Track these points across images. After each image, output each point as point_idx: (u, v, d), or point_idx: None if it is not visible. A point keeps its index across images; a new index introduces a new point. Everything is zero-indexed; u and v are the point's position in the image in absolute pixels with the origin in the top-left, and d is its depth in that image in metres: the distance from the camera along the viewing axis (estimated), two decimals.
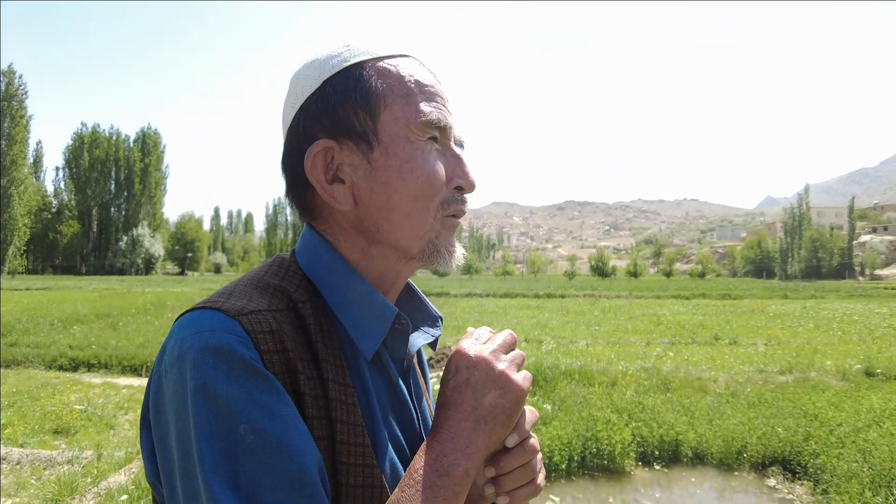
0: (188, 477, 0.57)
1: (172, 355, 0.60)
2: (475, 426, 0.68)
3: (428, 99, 0.73)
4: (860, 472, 5.12)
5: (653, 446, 6.27)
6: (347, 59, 0.73)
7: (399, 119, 0.71)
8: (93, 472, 5.01)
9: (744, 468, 6.06)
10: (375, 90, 0.71)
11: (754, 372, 9.55)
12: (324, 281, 0.74)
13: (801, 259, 78.41)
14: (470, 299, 28.66)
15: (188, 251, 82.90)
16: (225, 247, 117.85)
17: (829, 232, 79.76)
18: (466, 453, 0.66)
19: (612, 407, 7.05)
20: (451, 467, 0.65)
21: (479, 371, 0.70)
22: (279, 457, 0.58)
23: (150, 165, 77.44)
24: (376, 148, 0.71)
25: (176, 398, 0.59)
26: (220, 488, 0.55)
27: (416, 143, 0.72)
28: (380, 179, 0.71)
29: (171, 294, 27.82)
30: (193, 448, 0.56)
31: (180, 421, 0.58)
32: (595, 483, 5.75)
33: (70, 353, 10.65)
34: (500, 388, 0.69)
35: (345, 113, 0.71)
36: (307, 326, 0.68)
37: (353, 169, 0.72)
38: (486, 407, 0.69)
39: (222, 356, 0.59)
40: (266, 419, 0.58)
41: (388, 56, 0.74)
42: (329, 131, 0.72)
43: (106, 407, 7.47)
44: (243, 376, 0.59)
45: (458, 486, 0.65)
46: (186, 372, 0.58)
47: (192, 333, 0.61)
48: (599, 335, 14.61)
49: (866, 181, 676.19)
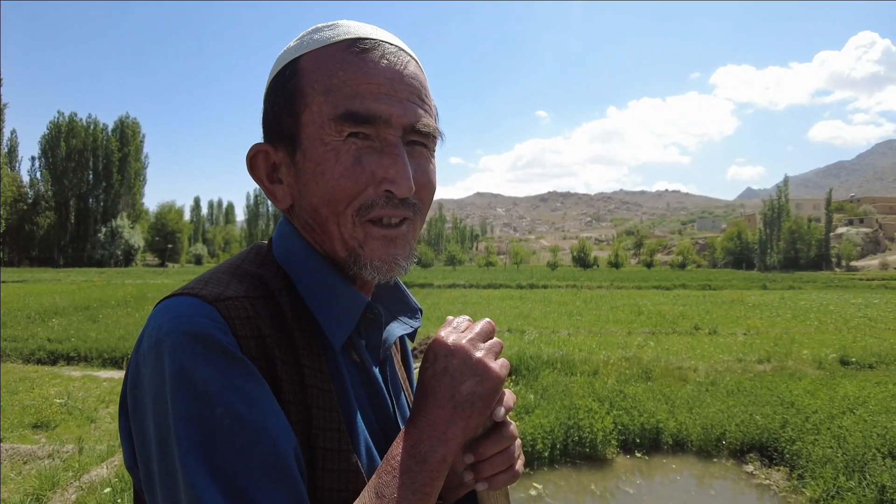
0: (165, 461, 0.57)
1: (150, 341, 0.60)
2: (452, 413, 0.68)
3: (363, 93, 0.68)
4: (834, 458, 5.25)
5: (634, 434, 6.36)
6: (288, 55, 0.72)
7: (316, 119, 0.68)
8: (74, 466, 4.97)
9: (723, 455, 6.18)
10: (297, 89, 0.69)
11: (733, 361, 9.71)
12: (295, 270, 0.74)
13: (779, 250, 79.48)
14: (453, 290, 28.73)
15: (168, 242, 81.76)
16: (206, 238, 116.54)
17: (807, 224, 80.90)
18: (443, 440, 0.66)
19: (594, 395, 7.14)
20: (429, 454, 0.65)
21: (457, 359, 0.70)
22: (256, 441, 0.58)
23: (129, 155, 76.12)
24: (298, 150, 0.70)
25: (153, 383, 0.58)
26: (197, 472, 0.55)
27: (331, 143, 0.68)
28: (302, 182, 0.70)
29: (152, 286, 27.50)
30: (171, 432, 0.56)
31: (157, 405, 0.58)
32: (577, 471, 5.83)
33: (49, 346, 10.51)
34: (478, 376, 0.69)
35: (276, 116, 0.72)
36: (283, 314, 0.68)
37: (287, 170, 0.72)
38: (463, 394, 0.68)
39: (199, 341, 0.59)
40: (243, 403, 0.58)
41: (330, 45, 0.70)
42: (266, 134, 0.73)
43: (86, 400, 7.40)
44: (220, 361, 0.59)
45: (435, 473, 0.65)
46: (164, 356, 0.58)
47: (169, 319, 0.60)
48: (581, 325, 14.74)
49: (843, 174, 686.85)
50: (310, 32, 0.72)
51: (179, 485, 0.55)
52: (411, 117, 0.70)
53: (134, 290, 22.91)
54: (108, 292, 21.85)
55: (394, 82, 0.69)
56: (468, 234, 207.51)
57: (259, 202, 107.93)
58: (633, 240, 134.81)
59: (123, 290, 22.81)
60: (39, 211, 71.19)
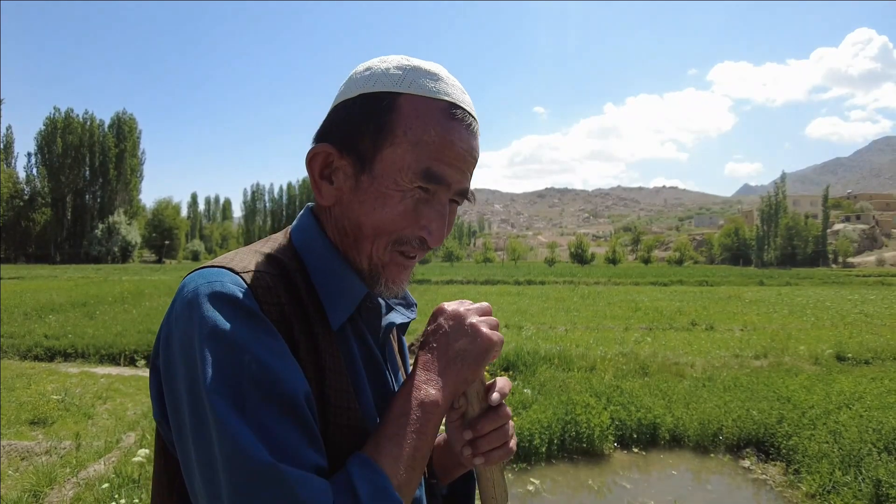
0: (195, 404, 0.64)
1: (183, 302, 0.69)
2: (446, 366, 0.79)
3: (444, 158, 0.77)
4: (830, 453, 5.27)
5: (631, 429, 6.38)
6: (390, 84, 0.78)
7: (396, 161, 0.76)
8: (72, 462, 4.96)
9: (719, 450, 6.20)
10: (390, 126, 0.76)
11: (730, 357, 9.74)
12: (310, 257, 0.83)
13: (776, 247, 79.61)
14: (451, 286, 28.73)
15: (165, 238, 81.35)
16: (203, 234, 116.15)
17: (804, 220, 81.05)
18: (437, 386, 0.77)
19: (591, 391, 7.16)
20: (425, 397, 0.76)
21: (454, 321, 0.83)
22: (277, 384, 0.65)
23: (125, 151, 75.56)
24: (366, 173, 0.78)
25: (186, 338, 0.67)
26: (227, 411, 0.62)
27: (401, 186, 0.76)
28: (359, 199, 0.79)
29: (149, 282, 27.46)
30: (201, 378, 0.64)
31: (188, 358, 0.66)
32: (574, 466, 5.85)
33: (46, 342, 10.47)
34: (470, 337, 0.81)
35: (357, 132, 0.78)
36: (298, 290, 0.77)
37: (345, 178, 0.80)
38: (456, 350, 0.80)
39: (228, 302, 0.68)
40: (267, 353, 0.66)
41: (432, 99, 0.78)
42: (338, 140, 0.80)
43: (84, 396, 7.38)
44: (246, 318, 0.68)
45: (430, 414, 0.75)
46: (196, 314, 0.67)
47: (201, 284, 0.70)
48: (578, 321, 14.76)
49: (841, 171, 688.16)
50: (413, 70, 0.79)
51: (209, 423, 0.63)
52: (465, 185, 0.82)
53: (131, 287, 22.88)
54: (105, 289, 21.80)
55: (465, 156, 0.79)
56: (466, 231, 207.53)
57: (256, 198, 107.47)
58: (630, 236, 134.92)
59: (120, 287, 22.77)
60: (36, 207, 70.80)
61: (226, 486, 0.61)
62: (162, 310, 15.60)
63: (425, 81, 0.78)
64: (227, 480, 0.61)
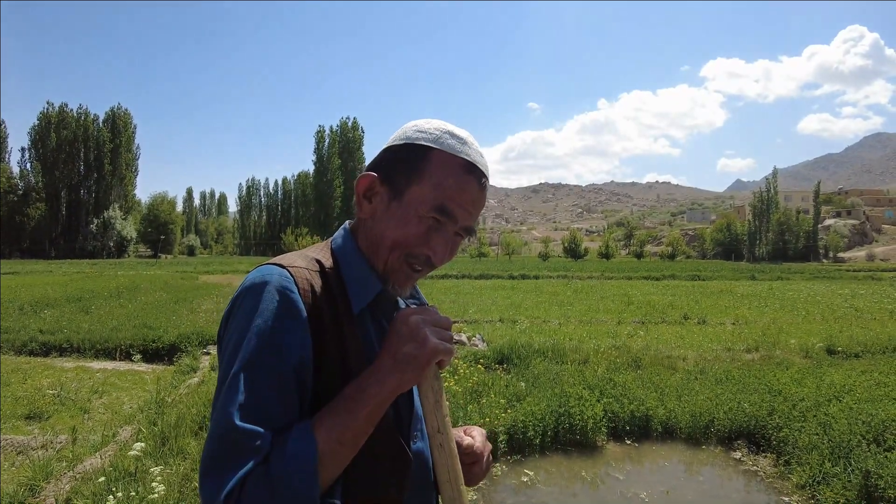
0: (236, 350, 0.89)
1: (243, 288, 0.94)
2: (392, 366, 0.92)
3: (455, 200, 1.00)
4: (820, 444, 5.34)
5: (624, 421, 6.44)
6: (428, 140, 1.02)
7: (420, 195, 1.00)
8: (68, 456, 4.95)
9: (711, 442, 6.27)
10: (421, 171, 1.00)
11: (722, 350, 9.82)
12: (343, 257, 1.06)
13: (768, 241, 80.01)
14: (446, 281, 28.72)
15: (161, 233, 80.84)
16: (199, 228, 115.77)
17: (796, 215, 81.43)
18: (380, 383, 0.90)
19: (584, 384, 7.21)
20: (368, 389, 0.90)
21: (406, 327, 0.94)
22: (276, 357, 0.88)
23: (120, 146, 74.96)
24: (396, 200, 1.01)
25: (242, 313, 0.92)
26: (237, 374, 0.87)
27: (420, 214, 1.00)
28: (387, 218, 1.02)
29: (144, 277, 27.38)
30: (243, 343, 0.88)
31: (240, 329, 0.90)
32: (568, 457, 5.91)
33: (41, 337, 10.43)
34: (417, 343, 0.92)
35: (397, 169, 1.02)
36: (330, 282, 0.99)
37: (380, 201, 1.04)
38: (402, 353, 0.92)
39: (279, 288, 0.92)
40: (280, 330, 0.89)
41: (455, 156, 1.01)
42: (383, 172, 1.04)
43: (80, 391, 7.38)
44: (277, 301, 0.91)
45: (368, 404, 0.89)
46: (250, 297, 0.92)
47: (258, 275, 0.95)
48: (572, 315, 14.83)
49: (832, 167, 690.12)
50: (447, 133, 1.03)
51: (233, 365, 0.88)
52: (469, 223, 1.05)
53: (126, 282, 22.80)
54: (101, 283, 21.72)
55: (474, 203, 1.03)
56: None
57: (251, 193, 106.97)
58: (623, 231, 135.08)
59: (116, 282, 22.69)
60: (30, 202, 70.18)
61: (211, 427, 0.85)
62: (158, 304, 15.71)
63: (454, 143, 1.02)
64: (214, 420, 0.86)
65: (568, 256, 67.94)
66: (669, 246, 73.50)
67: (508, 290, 22.47)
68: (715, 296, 20.97)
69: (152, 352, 10.09)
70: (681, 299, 19.17)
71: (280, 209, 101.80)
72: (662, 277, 33.62)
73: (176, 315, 13.33)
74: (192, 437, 5.24)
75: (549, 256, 66.72)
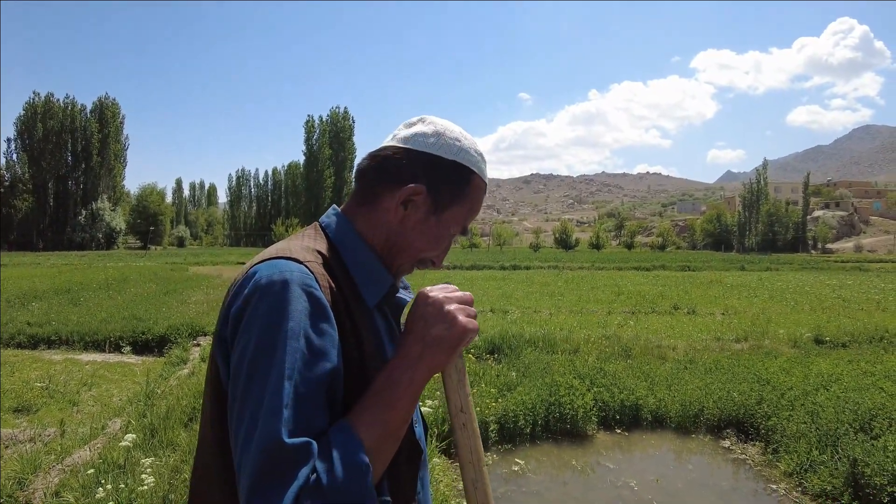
0: (262, 363, 0.80)
1: (261, 285, 0.84)
2: (422, 350, 0.89)
3: (472, 217, 1.08)
4: (808, 433, 5.39)
5: (614, 410, 6.47)
6: (472, 163, 1.05)
7: (456, 216, 1.04)
8: (57, 449, 4.91)
9: (700, 431, 6.32)
10: (465, 193, 1.04)
11: (711, 340, 9.88)
12: (346, 249, 1.01)
13: (758, 232, 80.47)
14: (437, 272, 28.70)
15: (150, 225, 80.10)
16: (188, 220, 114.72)
17: (785, 207, 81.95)
18: (412, 369, 0.87)
19: (575, 373, 7.24)
20: (400, 379, 0.86)
21: (433, 308, 0.92)
22: (317, 365, 0.82)
23: (108, 136, 73.92)
24: (436, 216, 1.02)
25: (266, 312, 0.82)
26: (279, 380, 0.78)
27: (451, 233, 1.05)
28: (422, 228, 1.02)
29: (134, 268, 27.20)
30: (279, 344, 0.80)
31: (268, 327, 0.81)
32: (558, 446, 5.94)
33: (29, 329, 10.34)
34: (446, 323, 0.90)
35: (446, 188, 1.02)
36: (337, 277, 0.95)
37: (417, 210, 1.02)
38: (432, 336, 0.89)
39: (303, 286, 0.85)
40: (317, 335, 0.83)
41: (481, 176, 1.06)
42: (429, 184, 1.01)
43: (69, 383, 7.33)
44: (308, 301, 0.84)
45: (403, 394, 0.86)
46: (275, 296, 0.83)
47: (280, 271, 0.86)
48: (562, 305, 14.86)
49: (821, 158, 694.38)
50: (481, 156, 1.07)
51: (268, 380, 0.78)
52: None
53: (116, 273, 22.64)
54: (90, 275, 21.54)
55: None
56: None
57: (241, 184, 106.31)
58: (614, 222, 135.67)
59: (105, 273, 22.52)
60: (17, 194, 69.23)
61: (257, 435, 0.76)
62: (148, 295, 15.59)
63: (483, 166, 1.07)
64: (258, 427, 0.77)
65: (559, 247, 68.11)
66: (660, 237, 73.81)
67: (500, 281, 22.49)
68: (705, 286, 21.08)
69: (142, 343, 10.04)
70: (671, 289, 19.26)
71: (270, 200, 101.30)
72: (653, 268, 33.77)
73: (166, 307, 13.26)
74: (183, 428, 5.21)
75: (541, 247, 66.86)
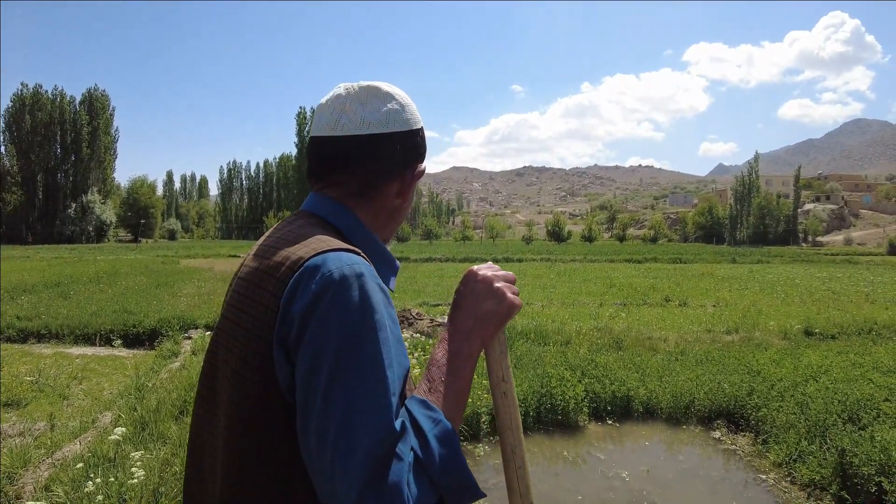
0: (350, 359, 0.77)
1: (338, 278, 0.80)
2: (474, 324, 0.94)
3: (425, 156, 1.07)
4: (797, 423, 5.43)
5: (605, 402, 6.49)
6: (415, 121, 1.02)
7: (419, 172, 1.05)
8: (46, 443, 4.88)
9: (691, 422, 6.36)
10: (424, 151, 1.06)
11: (703, 332, 9.94)
12: (356, 238, 0.98)
13: (749, 225, 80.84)
14: (430, 264, 28.75)
15: (141, 217, 79.43)
16: (179, 212, 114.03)
17: (776, 200, 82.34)
18: (467, 341, 0.92)
19: (566, 365, 7.25)
20: (458, 351, 0.91)
21: (482, 285, 0.97)
22: (402, 350, 0.84)
23: (98, 129, 73.15)
24: (413, 181, 1.04)
25: (346, 305, 0.79)
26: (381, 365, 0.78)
27: (414, 189, 1.06)
28: (409, 200, 1.06)
29: (125, 261, 27.03)
30: (362, 339, 0.78)
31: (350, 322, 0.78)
32: (550, 437, 5.95)
33: (18, 323, 10.26)
34: (496, 299, 0.95)
35: (412, 157, 1.02)
36: None
37: (409, 188, 1.04)
38: (483, 311, 0.94)
39: (374, 278, 0.85)
40: (397, 327, 0.85)
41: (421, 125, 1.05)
42: (413, 158, 1.02)
43: (58, 377, 7.27)
44: (385, 292, 0.86)
45: (464, 364, 0.90)
46: (351, 290, 0.80)
47: (346, 264, 0.83)
48: (554, 297, 14.91)
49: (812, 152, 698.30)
50: (412, 106, 1.03)
51: (365, 372, 0.77)
52: None
53: (106, 267, 22.48)
54: (80, 269, 21.35)
55: None
56: (444, 209, 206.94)
57: (232, 176, 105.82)
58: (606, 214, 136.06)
59: (95, 267, 22.34)
60: (6, 187, 68.32)
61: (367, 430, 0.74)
62: (139, 288, 15.48)
63: (417, 115, 1.04)
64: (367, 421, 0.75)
65: (551, 240, 68.31)
66: (652, 229, 74.03)
67: None
68: (696, 278, 21.19)
69: (133, 337, 9.98)
70: (662, 282, 19.35)
71: (262, 192, 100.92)
72: (644, 260, 33.92)
73: (157, 300, 13.19)
74: (173, 421, 5.19)
75: (533, 240, 66.94)
